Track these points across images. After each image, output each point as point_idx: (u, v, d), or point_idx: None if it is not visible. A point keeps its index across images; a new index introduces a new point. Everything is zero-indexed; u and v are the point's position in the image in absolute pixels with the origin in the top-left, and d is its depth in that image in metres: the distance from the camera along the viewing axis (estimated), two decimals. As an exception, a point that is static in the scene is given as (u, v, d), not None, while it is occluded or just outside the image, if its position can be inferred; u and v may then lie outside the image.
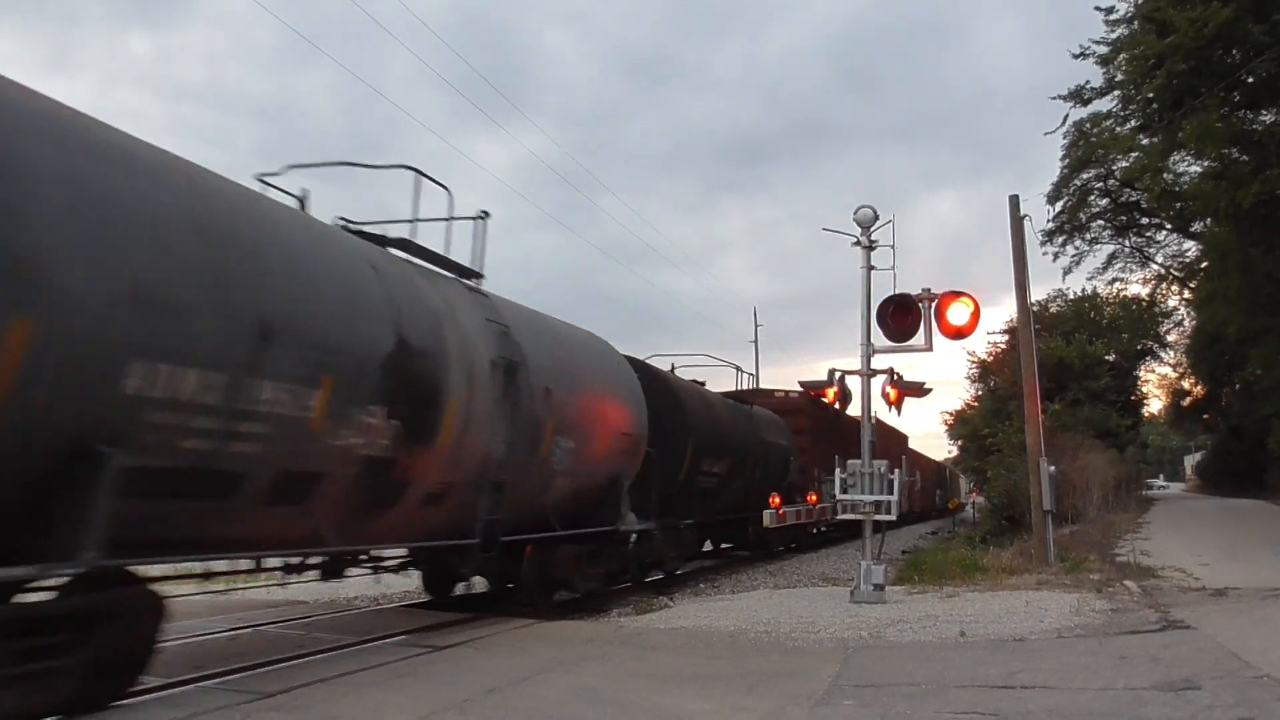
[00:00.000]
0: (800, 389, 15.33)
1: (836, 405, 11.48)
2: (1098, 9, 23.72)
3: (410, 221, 8.07)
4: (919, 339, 10.69)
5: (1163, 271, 39.37)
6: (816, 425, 20.98)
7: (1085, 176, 32.41)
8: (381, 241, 7.82)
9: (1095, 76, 26.12)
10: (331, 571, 7.66)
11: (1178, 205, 27.27)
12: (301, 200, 7.39)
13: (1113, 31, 23.87)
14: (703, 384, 16.50)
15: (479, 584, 11.15)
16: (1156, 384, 50.85)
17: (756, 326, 48.39)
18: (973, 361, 40.92)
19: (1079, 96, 26.32)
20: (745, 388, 19.83)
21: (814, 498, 21.12)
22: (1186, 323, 41.78)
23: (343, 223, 7.72)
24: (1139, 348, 44.03)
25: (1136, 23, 21.47)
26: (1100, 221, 35.37)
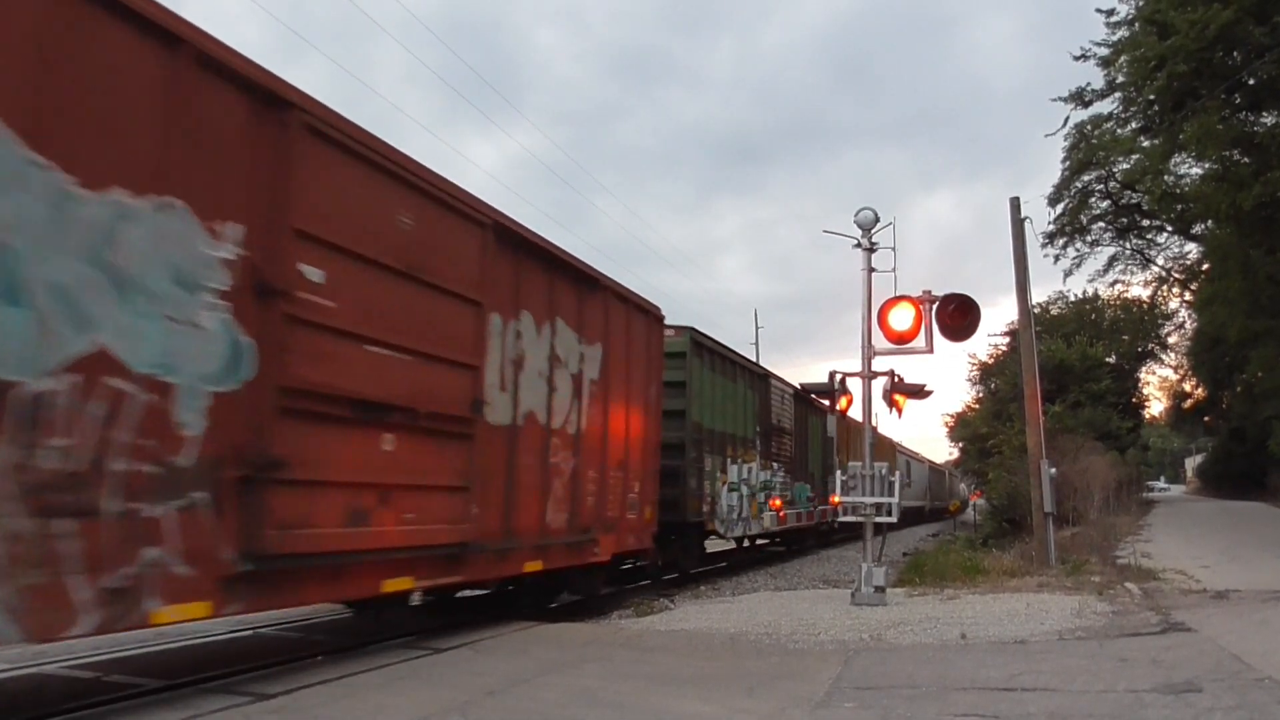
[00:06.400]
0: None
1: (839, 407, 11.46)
2: (1099, 10, 23.79)
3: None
4: (919, 341, 10.68)
5: (1164, 274, 39.42)
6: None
7: (1086, 179, 32.41)
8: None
9: (1096, 78, 26.15)
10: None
11: (1179, 207, 27.29)
12: None
13: (1114, 33, 23.93)
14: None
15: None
16: (1157, 386, 50.95)
17: (757, 328, 48.54)
18: (974, 364, 41.05)
19: (1080, 98, 26.32)
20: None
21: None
22: (1187, 325, 41.87)
23: None
24: (1140, 350, 44.07)
25: (1137, 25, 21.50)
26: (1101, 224, 35.36)
